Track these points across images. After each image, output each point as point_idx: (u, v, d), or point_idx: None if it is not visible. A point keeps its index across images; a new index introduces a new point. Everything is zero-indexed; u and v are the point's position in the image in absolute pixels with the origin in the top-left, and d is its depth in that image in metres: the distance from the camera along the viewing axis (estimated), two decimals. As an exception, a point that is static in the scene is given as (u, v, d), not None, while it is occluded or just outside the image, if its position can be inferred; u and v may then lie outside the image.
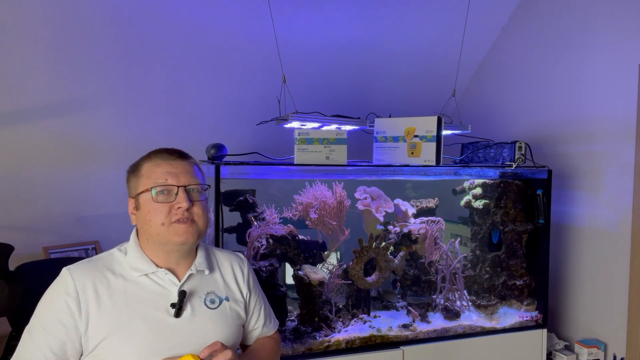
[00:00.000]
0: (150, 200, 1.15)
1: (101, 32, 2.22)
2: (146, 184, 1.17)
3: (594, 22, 2.32)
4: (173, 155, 1.20)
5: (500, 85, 2.93)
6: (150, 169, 1.18)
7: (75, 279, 1.12)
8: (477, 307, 2.28)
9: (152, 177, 1.17)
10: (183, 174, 1.18)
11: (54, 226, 2.41)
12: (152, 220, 1.15)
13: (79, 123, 2.36)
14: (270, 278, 1.91)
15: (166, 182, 1.16)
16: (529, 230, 2.31)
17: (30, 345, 1.09)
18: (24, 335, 1.11)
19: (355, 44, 2.71)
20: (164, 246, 1.18)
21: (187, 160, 1.22)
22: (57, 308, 1.09)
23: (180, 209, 1.15)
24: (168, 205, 1.15)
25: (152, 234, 1.16)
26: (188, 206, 1.15)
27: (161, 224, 1.15)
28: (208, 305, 1.21)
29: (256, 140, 2.51)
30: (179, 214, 1.15)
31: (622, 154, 2.19)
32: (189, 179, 1.19)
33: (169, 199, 1.15)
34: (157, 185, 1.15)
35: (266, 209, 2.02)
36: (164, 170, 1.17)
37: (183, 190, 1.16)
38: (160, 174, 1.17)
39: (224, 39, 2.45)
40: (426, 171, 2.12)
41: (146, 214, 1.16)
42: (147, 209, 1.16)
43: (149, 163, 1.19)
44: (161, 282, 1.18)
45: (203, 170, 1.27)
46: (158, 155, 1.20)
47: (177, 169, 1.18)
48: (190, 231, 1.17)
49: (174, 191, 1.16)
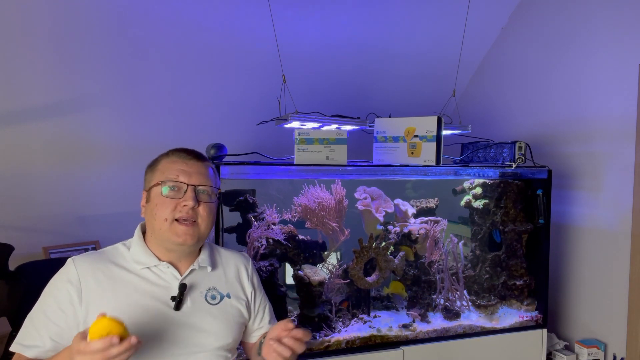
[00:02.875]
0: (159, 194, 1.18)
1: (101, 32, 2.22)
2: (159, 178, 1.20)
3: (594, 22, 2.32)
4: (190, 155, 1.24)
5: (500, 85, 2.93)
6: (165, 165, 1.22)
7: (78, 268, 1.15)
8: (477, 307, 2.28)
9: (166, 172, 1.20)
10: (196, 174, 1.21)
11: (54, 226, 2.41)
12: (157, 214, 1.17)
13: (79, 123, 2.36)
14: (270, 278, 1.91)
15: (177, 179, 1.19)
16: (529, 230, 2.31)
17: (31, 330, 1.12)
18: (26, 320, 1.14)
19: (356, 44, 2.71)
20: (164, 243, 1.20)
21: (203, 162, 1.25)
22: (59, 295, 1.13)
23: (186, 207, 1.17)
24: (175, 202, 1.17)
25: (155, 228, 1.19)
26: (193, 205, 1.17)
27: (164, 219, 1.17)
28: (209, 300, 1.23)
29: (256, 140, 2.51)
30: (183, 212, 1.17)
31: (622, 154, 2.19)
32: (201, 179, 1.21)
33: (177, 196, 1.18)
34: (169, 181, 1.18)
35: (266, 209, 2.02)
36: (178, 167, 1.20)
37: (192, 189, 1.19)
38: (174, 170, 1.20)
39: (224, 39, 2.45)
40: (426, 171, 2.12)
41: (153, 207, 1.19)
42: (155, 202, 1.18)
43: (166, 159, 1.23)
44: (163, 275, 1.20)
45: (218, 175, 1.31)
46: (176, 154, 1.24)
47: (192, 168, 1.21)
48: (190, 233, 1.18)
49: (183, 189, 1.18)
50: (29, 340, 1.11)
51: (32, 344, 1.10)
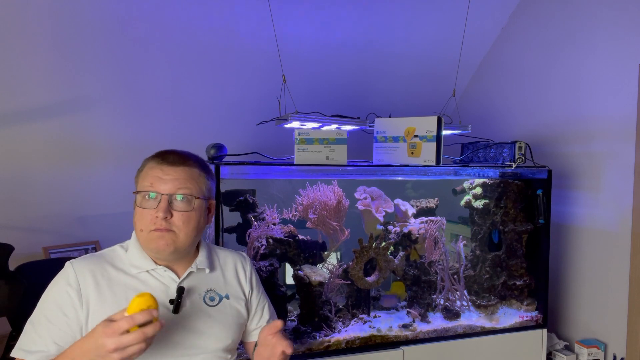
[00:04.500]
0: (135, 204, 1.16)
1: (101, 32, 2.22)
2: (138, 186, 1.17)
3: (594, 22, 2.32)
4: (167, 161, 1.16)
5: (500, 85, 2.93)
6: (145, 172, 1.17)
7: (77, 270, 1.14)
8: (477, 307, 2.28)
9: (143, 180, 1.16)
10: (172, 181, 1.14)
11: (54, 226, 2.41)
12: (136, 224, 1.16)
13: (79, 123, 2.36)
14: (270, 278, 1.91)
15: (150, 188, 1.14)
16: (529, 230, 2.31)
17: (33, 335, 1.10)
18: (27, 326, 1.12)
19: (356, 43, 2.71)
20: (146, 250, 1.19)
21: (184, 166, 1.16)
22: (60, 299, 1.11)
23: (157, 218, 1.13)
24: (151, 212, 1.13)
25: (139, 236, 1.17)
26: (165, 216, 1.12)
27: (140, 230, 1.15)
28: (207, 302, 1.22)
29: (256, 140, 2.51)
30: (157, 224, 1.13)
31: (622, 154, 2.19)
32: (177, 186, 1.14)
33: (153, 206, 1.13)
34: (142, 190, 1.14)
35: (267, 209, 2.02)
36: (154, 174, 1.14)
37: (165, 199, 1.13)
38: (149, 178, 1.15)
39: (224, 38, 2.45)
40: (426, 171, 2.12)
41: (134, 216, 1.17)
42: (135, 211, 1.17)
43: (147, 165, 1.18)
44: (161, 279, 1.19)
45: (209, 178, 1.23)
46: (156, 159, 1.17)
47: (168, 175, 1.14)
48: (166, 240, 1.13)
49: (157, 198, 1.13)
50: (32, 345, 1.09)
51: (36, 349, 1.08)
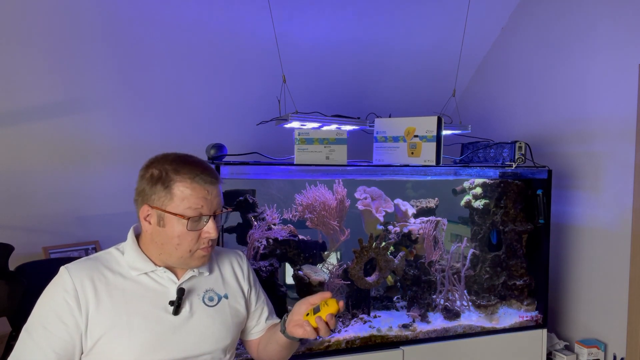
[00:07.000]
0: (183, 228, 1.11)
1: (100, 32, 2.22)
2: (179, 207, 1.10)
3: (594, 22, 2.32)
4: (208, 177, 1.13)
5: (501, 85, 2.93)
6: (184, 191, 1.10)
7: (73, 276, 1.10)
8: (477, 307, 2.28)
9: (187, 202, 1.10)
10: (216, 200, 1.14)
11: (54, 226, 2.41)
12: (181, 245, 1.13)
13: (79, 123, 2.36)
14: (270, 278, 1.91)
15: (201, 211, 1.11)
16: (529, 230, 2.31)
17: (30, 344, 1.08)
18: (23, 334, 1.09)
19: (356, 43, 2.71)
20: (179, 265, 1.19)
21: (217, 182, 1.16)
22: (57, 306, 1.08)
23: (207, 238, 1.14)
24: (198, 233, 1.13)
25: (173, 255, 1.15)
26: (217, 235, 1.14)
27: (189, 251, 1.14)
28: (207, 302, 1.22)
29: (256, 140, 2.51)
30: (205, 243, 1.14)
31: (622, 154, 2.19)
32: (219, 203, 1.16)
33: (199, 226, 1.13)
34: (195, 216, 1.11)
35: (267, 209, 2.02)
36: (200, 195, 1.11)
37: (213, 220, 1.13)
38: (196, 199, 1.10)
39: (224, 38, 2.45)
40: (426, 171, 2.12)
41: (173, 237, 1.12)
42: (177, 233, 1.11)
43: (182, 182, 1.10)
44: (160, 281, 1.18)
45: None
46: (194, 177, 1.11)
47: (212, 194, 1.13)
48: (208, 256, 1.19)
49: (204, 219, 1.13)
50: (29, 355, 1.07)
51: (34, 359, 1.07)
